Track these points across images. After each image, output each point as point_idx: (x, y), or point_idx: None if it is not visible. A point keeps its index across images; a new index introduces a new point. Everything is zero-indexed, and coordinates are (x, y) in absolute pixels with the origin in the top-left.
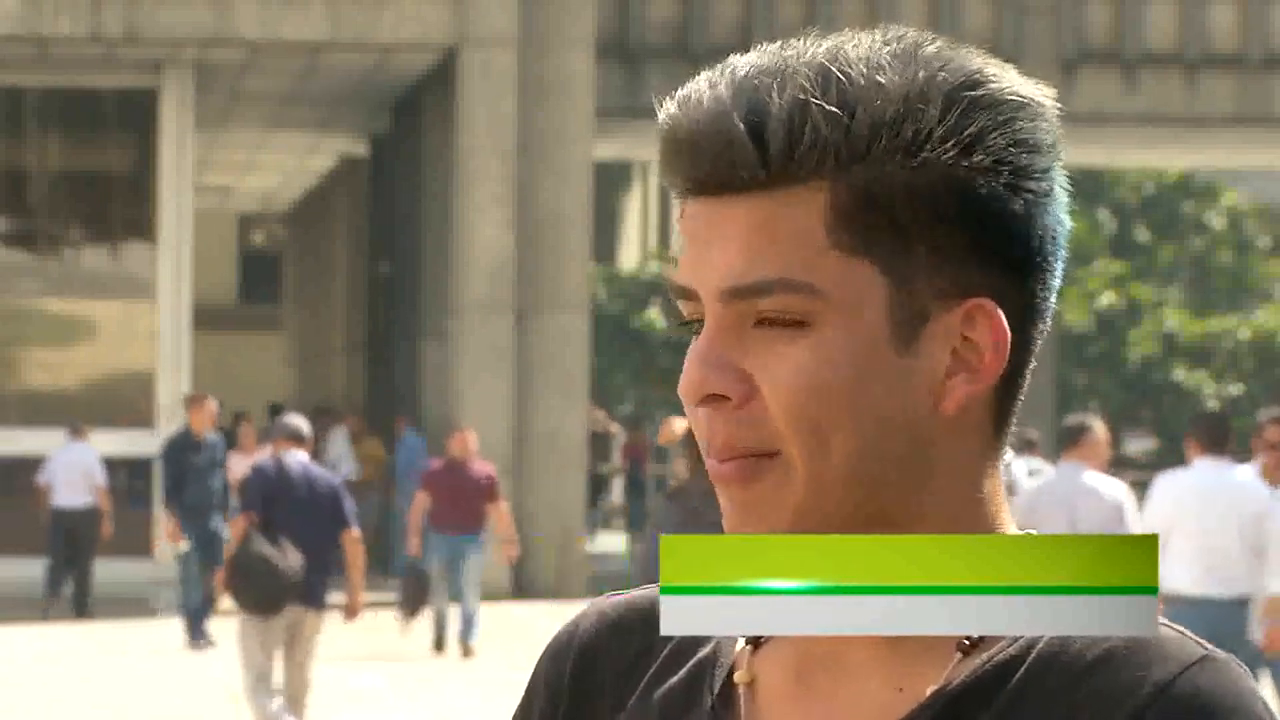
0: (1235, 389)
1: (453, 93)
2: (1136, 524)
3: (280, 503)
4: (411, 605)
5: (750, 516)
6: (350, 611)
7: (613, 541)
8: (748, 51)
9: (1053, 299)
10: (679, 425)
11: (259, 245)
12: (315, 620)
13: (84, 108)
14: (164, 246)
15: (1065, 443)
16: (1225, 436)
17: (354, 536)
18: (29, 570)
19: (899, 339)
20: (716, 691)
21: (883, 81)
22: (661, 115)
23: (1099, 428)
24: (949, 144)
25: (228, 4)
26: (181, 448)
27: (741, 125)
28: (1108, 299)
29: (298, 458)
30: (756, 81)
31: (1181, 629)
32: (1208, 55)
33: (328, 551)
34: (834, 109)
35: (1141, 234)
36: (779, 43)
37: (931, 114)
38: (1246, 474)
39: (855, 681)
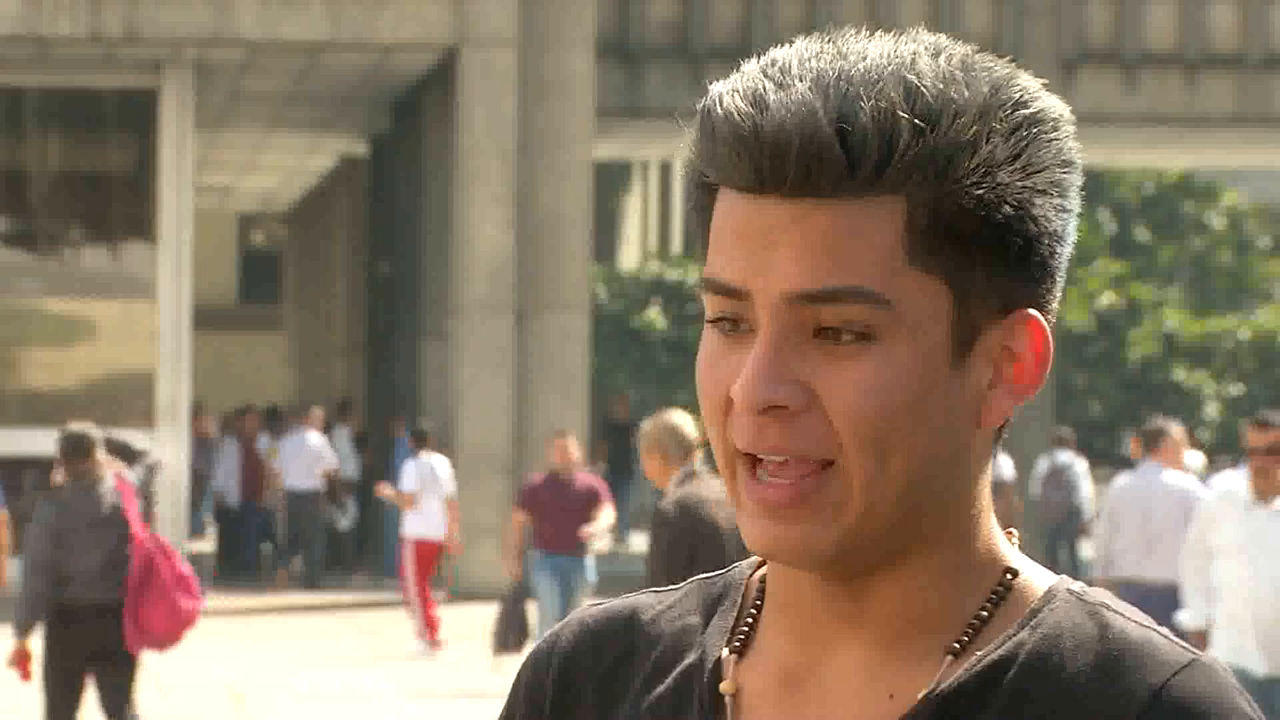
0: (1235, 389)
1: (453, 93)
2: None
3: None
4: (516, 638)
5: (802, 526)
6: None
7: (638, 542)
8: (748, 51)
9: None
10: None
11: (259, 245)
12: None
13: (84, 108)
14: (164, 246)
15: (1148, 446)
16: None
17: (0, 519)
18: None
19: (955, 354)
20: (705, 702)
21: (955, 97)
22: (719, 110)
23: (1175, 431)
24: (1016, 165)
25: (228, 4)
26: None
27: (831, 130)
28: (1108, 299)
29: None
30: (844, 88)
31: (1166, 631)
32: (1208, 55)
33: None
34: (919, 122)
35: (1141, 234)
36: (820, 38)
37: (1000, 133)
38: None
39: (845, 688)
